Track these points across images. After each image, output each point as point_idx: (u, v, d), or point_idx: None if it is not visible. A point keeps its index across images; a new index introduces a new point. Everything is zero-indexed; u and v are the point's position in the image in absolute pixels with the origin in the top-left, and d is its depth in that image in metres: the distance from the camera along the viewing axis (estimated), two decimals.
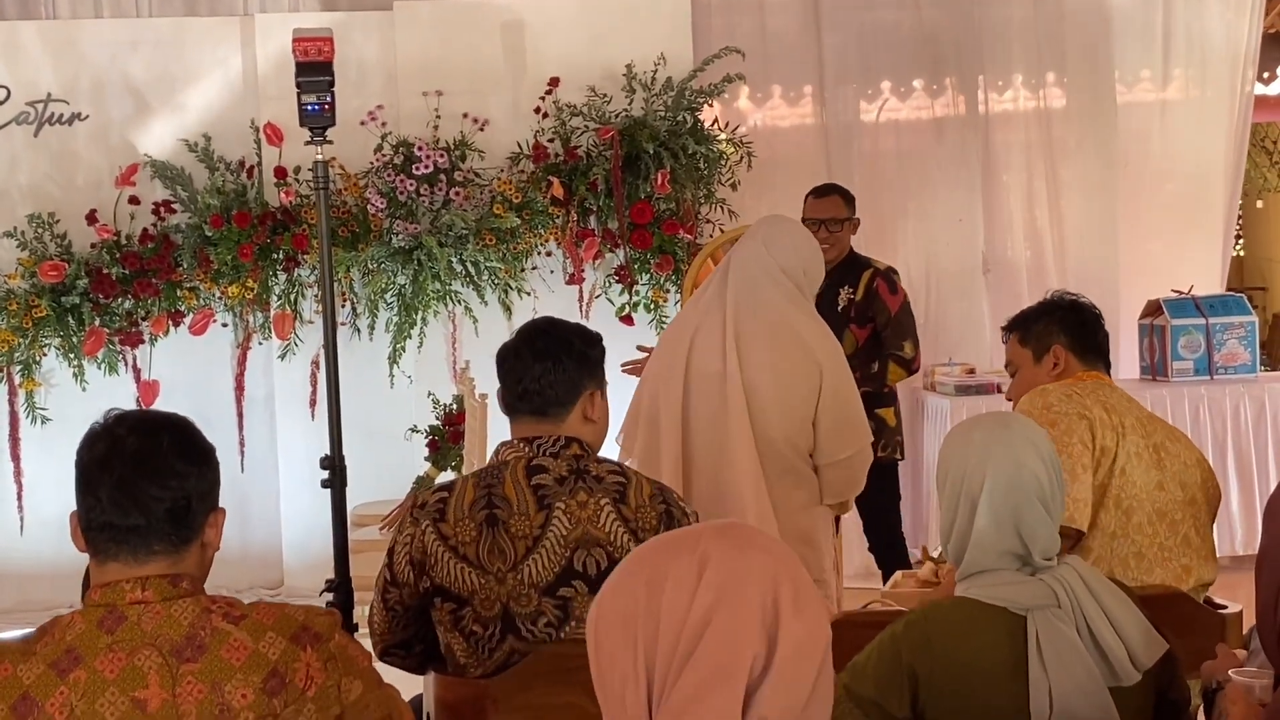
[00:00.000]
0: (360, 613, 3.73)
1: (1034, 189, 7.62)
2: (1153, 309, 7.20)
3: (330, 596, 3.58)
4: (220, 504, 2.23)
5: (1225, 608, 3.34)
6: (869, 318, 5.53)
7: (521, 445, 2.98)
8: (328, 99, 3.27)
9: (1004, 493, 2.52)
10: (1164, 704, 2.57)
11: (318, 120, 3.28)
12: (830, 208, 5.68)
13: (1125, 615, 2.51)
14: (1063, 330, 3.63)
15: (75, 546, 2.18)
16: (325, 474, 3.75)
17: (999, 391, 6.87)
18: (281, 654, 2.06)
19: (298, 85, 3.27)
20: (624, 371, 4.76)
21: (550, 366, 3.00)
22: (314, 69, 3.27)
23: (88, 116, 7.02)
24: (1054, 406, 3.40)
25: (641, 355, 4.80)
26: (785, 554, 1.74)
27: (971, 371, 7.13)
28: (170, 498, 2.12)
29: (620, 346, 7.00)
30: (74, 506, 2.15)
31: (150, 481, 2.11)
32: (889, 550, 5.58)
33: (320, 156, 3.33)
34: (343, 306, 6.79)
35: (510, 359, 3.05)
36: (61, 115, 7.02)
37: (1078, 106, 7.60)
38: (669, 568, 1.70)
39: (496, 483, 2.93)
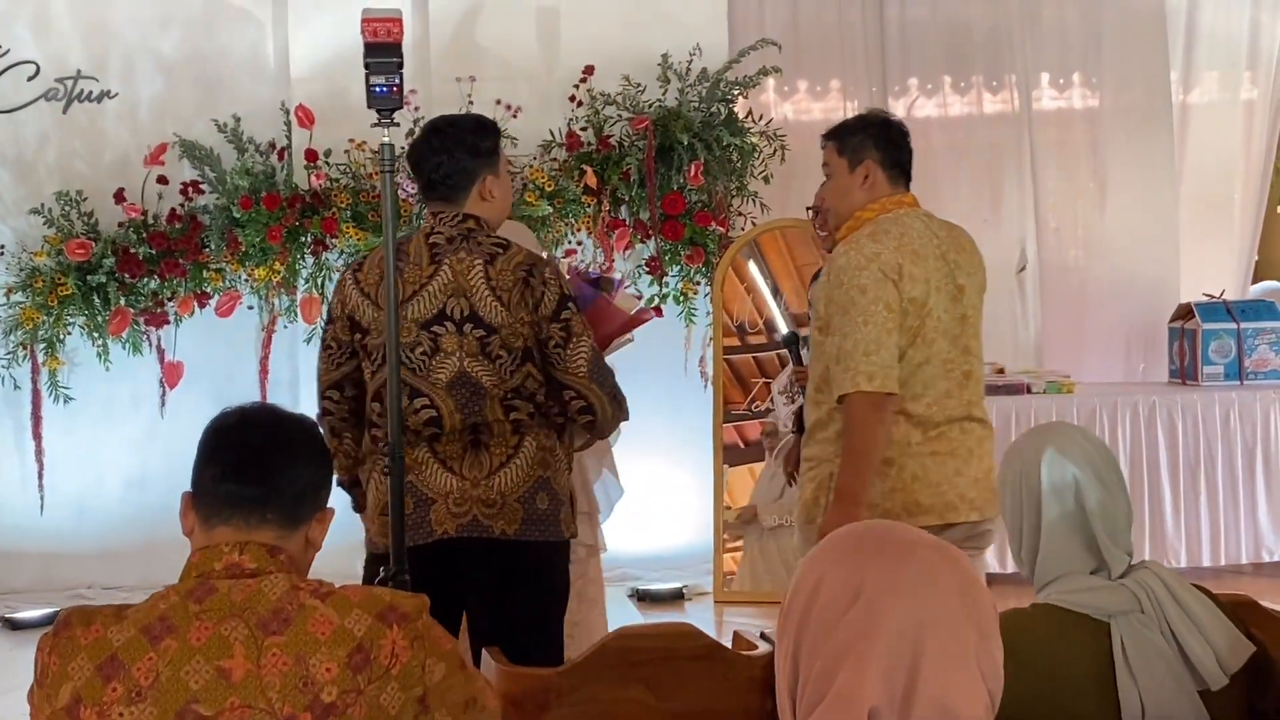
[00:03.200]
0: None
1: (1076, 188, 7.61)
2: (1183, 312, 7.18)
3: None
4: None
5: None
6: None
7: (432, 217, 3.64)
8: (396, 80, 3.20)
9: (1065, 488, 2.51)
10: (1255, 715, 2.54)
11: (386, 102, 3.22)
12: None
13: (1209, 618, 2.47)
14: (875, 145, 3.81)
15: (182, 527, 2.18)
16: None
17: (1029, 392, 6.86)
18: (367, 630, 2.07)
19: (366, 66, 3.20)
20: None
21: (446, 159, 3.61)
22: (383, 50, 3.21)
23: (117, 94, 6.97)
24: (864, 269, 3.60)
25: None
26: (951, 600, 1.67)
27: (1001, 371, 7.10)
28: (293, 474, 2.18)
29: (647, 339, 7.00)
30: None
31: (278, 453, 2.18)
32: None
33: (387, 139, 3.27)
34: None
35: (415, 153, 3.68)
36: (90, 92, 6.96)
37: (1124, 106, 7.59)
38: (829, 573, 1.67)
39: (405, 242, 3.60)
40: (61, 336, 6.81)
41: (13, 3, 6.95)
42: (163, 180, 6.79)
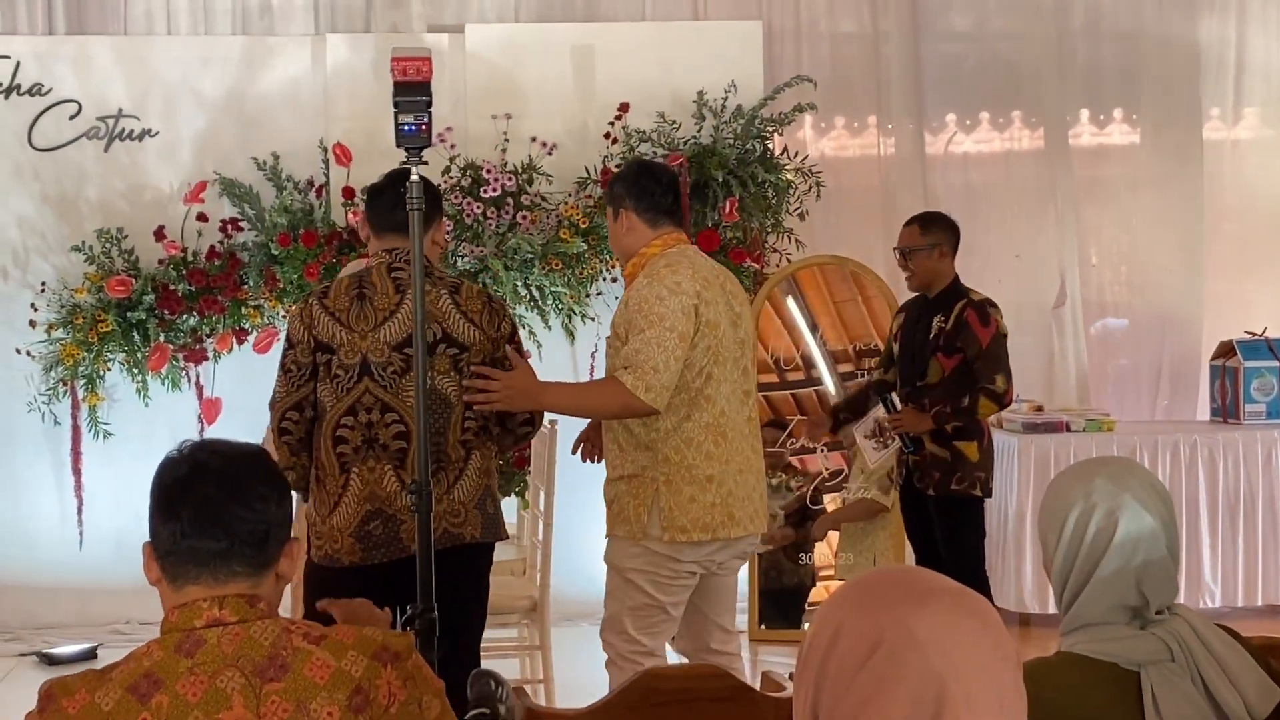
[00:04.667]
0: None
1: (1116, 224, 7.58)
2: (1225, 350, 7.12)
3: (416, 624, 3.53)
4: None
5: None
6: (957, 348, 5.45)
7: (384, 254, 3.96)
8: (425, 119, 3.23)
9: (1134, 544, 2.42)
10: None
11: (414, 141, 3.25)
12: (905, 237, 5.67)
13: (1238, 664, 2.43)
14: (628, 194, 4.15)
15: (147, 578, 2.12)
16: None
17: (1068, 430, 6.80)
18: (364, 671, 2.05)
19: (395, 105, 3.23)
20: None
21: (405, 199, 3.68)
22: (412, 89, 3.24)
23: (158, 133, 7.04)
24: (665, 299, 3.94)
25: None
26: (974, 650, 1.64)
27: (1039, 409, 7.05)
28: (253, 519, 2.11)
29: None
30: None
31: (235, 502, 2.10)
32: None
33: (416, 177, 3.29)
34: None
35: (376, 195, 4.06)
36: (132, 131, 7.03)
37: (1163, 142, 7.55)
38: (847, 621, 1.64)
39: (366, 274, 3.93)
40: (101, 373, 6.86)
41: (55, 43, 7.04)
42: (202, 218, 6.85)
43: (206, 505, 2.09)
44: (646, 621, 4.13)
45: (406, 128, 3.27)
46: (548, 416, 5.63)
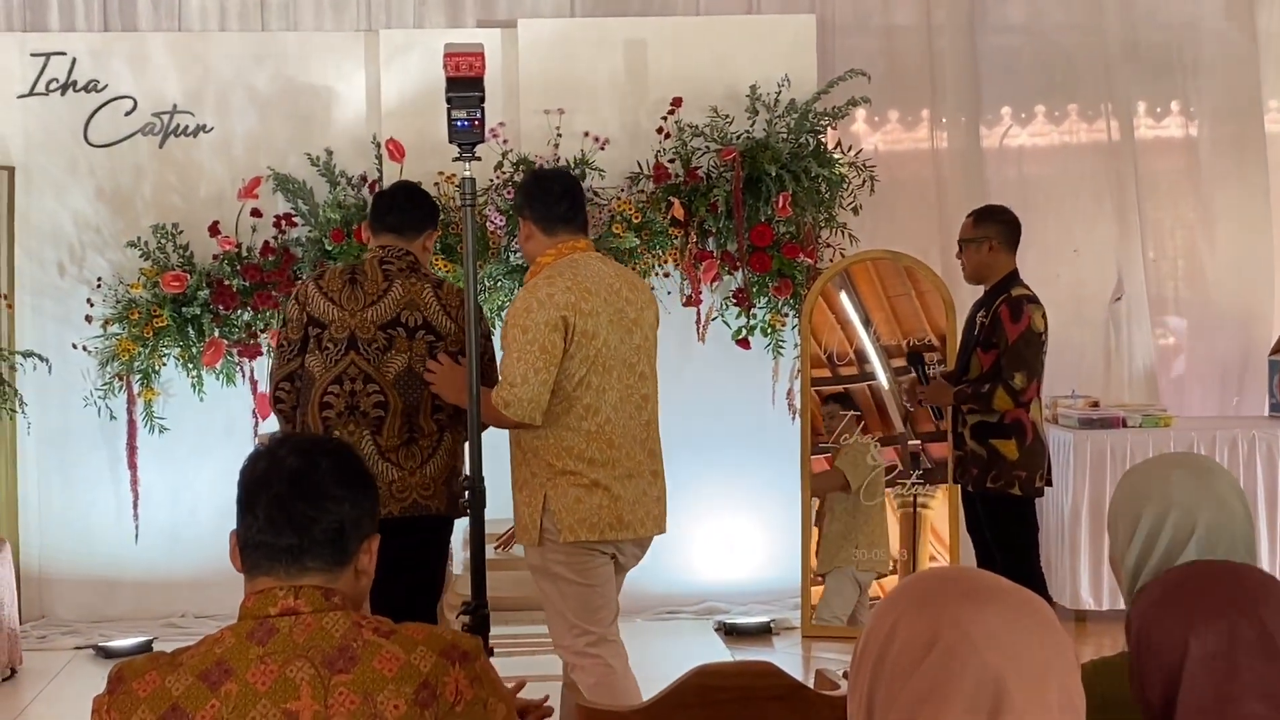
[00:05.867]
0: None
1: (1176, 218, 7.49)
2: None
3: (466, 619, 3.54)
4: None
5: None
6: (993, 343, 5.43)
7: (379, 249, 4.42)
8: (478, 115, 3.23)
9: (1213, 544, 2.37)
10: None
11: (467, 136, 3.25)
12: (961, 229, 5.65)
13: None
14: (527, 204, 4.29)
15: (233, 566, 2.17)
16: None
17: (1124, 425, 6.74)
18: (433, 667, 2.05)
19: (448, 100, 3.22)
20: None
21: (414, 210, 4.45)
22: (465, 84, 3.23)
23: (212, 128, 7.08)
24: (532, 312, 4.08)
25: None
26: (1032, 649, 1.62)
27: (1095, 404, 6.98)
28: (325, 519, 2.13)
29: (735, 371, 6.98)
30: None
31: (306, 502, 2.13)
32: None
33: (468, 172, 3.27)
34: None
35: (389, 196, 4.57)
36: (186, 127, 7.07)
37: (1222, 135, 7.46)
38: (904, 619, 1.62)
39: (359, 263, 4.46)
40: (157, 368, 6.90)
41: (111, 39, 7.08)
42: (256, 213, 6.88)
43: (278, 503, 2.12)
44: (587, 608, 4.23)
45: (459, 123, 3.27)
46: None
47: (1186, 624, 2.17)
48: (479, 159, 3.33)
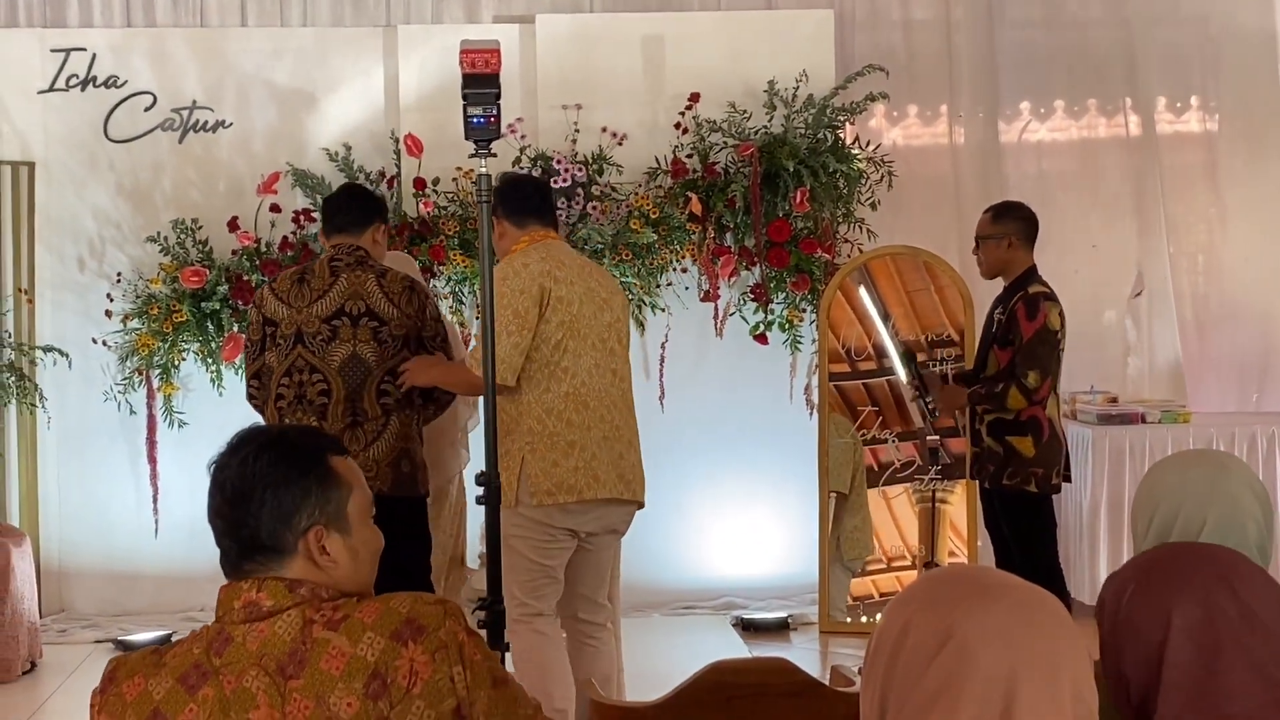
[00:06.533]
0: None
1: (1196, 214, 7.46)
2: None
3: (482, 614, 3.55)
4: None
5: None
6: (1009, 340, 5.42)
7: (331, 248, 4.76)
8: (494, 112, 3.23)
9: (1222, 538, 2.38)
10: None
11: (483, 133, 3.25)
12: (979, 225, 5.64)
13: None
14: (500, 204, 4.55)
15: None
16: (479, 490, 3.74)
17: (1143, 421, 6.72)
18: (380, 655, 2.02)
19: (464, 97, 3.23)
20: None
21: (351, 205, 4.84)
22: (481, 81, 3.24)
23: (231, 124, 7.10)
24: (507, 279, 4.34)
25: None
26: (1044, 645, 1.63)
27: (1114, 400, 6.96)
28: (249, 521, 2.14)
29: (753, 366, 6.98)
30: (203, 511, 2.21)
31: (235, 506, 2.15)
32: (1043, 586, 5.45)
33: (484, 169, 3.28)
34: (475, 319, 6.79)
35: (332, 201, 4.93)
36: (206, 122, 7.10)
37: (1243, 130, 7.42)
38: (917, 616, 1.62)
39: (311, 261, 4.87)
40: (176, 362, 6.93)
41: (130, 35, 7.11)
42: (275, 209, 6.89)
43: (219, 512, 2.18)
44: (531, 584, 4.41)
45: (475, 120, 3.27)
46: None
47: (1168, 600, 2.18)
48: (495, 155, 3.33)
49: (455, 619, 2.10)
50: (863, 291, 6.76)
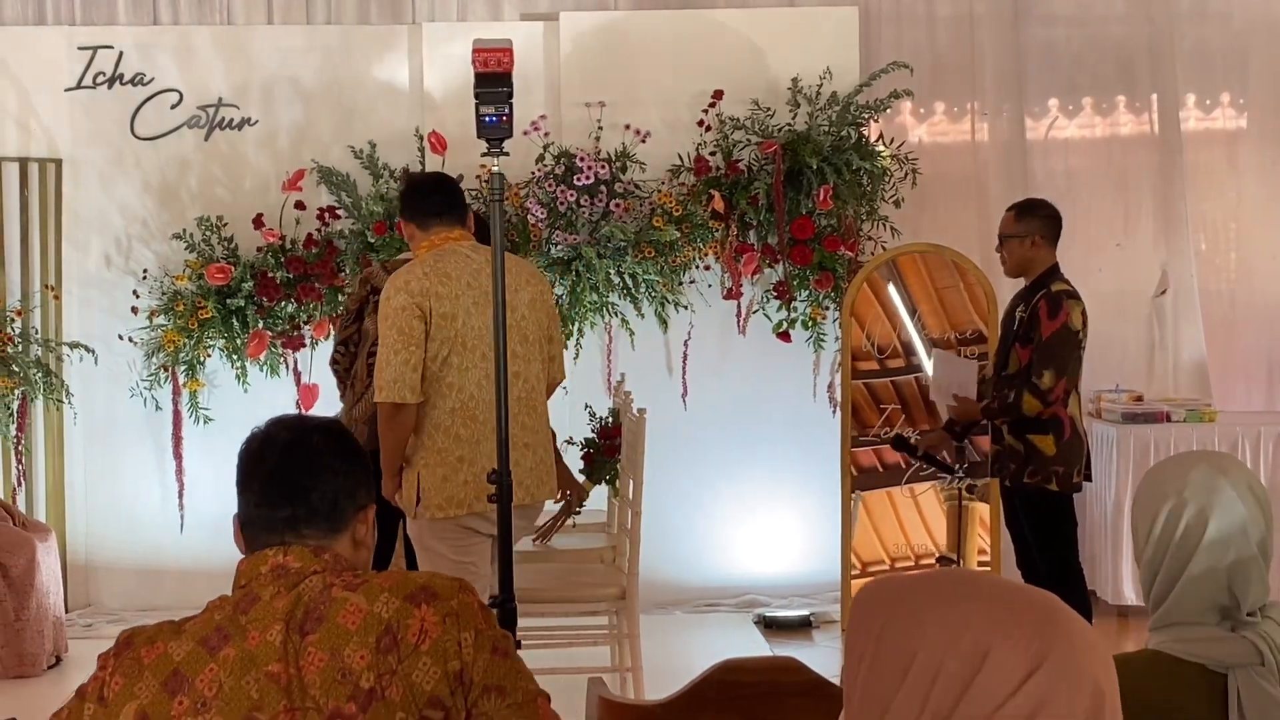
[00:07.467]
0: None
1: (1222, 211, 7.41)
2: None
3: (495, 612, 3.55)
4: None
5: None
6: (1030, 339, 5.39)
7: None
8: (506, 111, 3.24)
9: (1225, 542, 2.36)
10: None
11: (495, 132, 3.26)
12: (1002, 223, 5.61)
13: None
14: (404, 206, 4.64)
15: (237, 548, 2.24)
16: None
17: (1169, 420, 6.68)
18: (395, 612, 2.07)
19: (476, 96, 3.24)
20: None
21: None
22: (493, 80, 3.25)
23: (257, 121, 7.13)
24: (390, 299, 4.34)
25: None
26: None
27: (1139, 399, 6.92)
28: (320, 488, 2.19)
29: (776, 363, 6.97)
30: (228, 507, 2.23)
31: (300, 472, 2.19)
32: (1061, 586, 5.39)
33: (497, 168, 3.28)
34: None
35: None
36: (231, 120, 7.13)
37: (1272, 128, 7.36)
38: (996, 644, 1.57)
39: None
40: (201, 359, 6.97)
41: (157, 33, 7.15)
42: (300, 206, 6.92)
43: (274, 476, 2.19)
44: None
45: (488, 119, 3.28)
46: (635, 404, 5.66)
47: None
48: (507, 154, 3.34)
49: (470, 593, 2.16)
50: (891, 288, 6.74)
